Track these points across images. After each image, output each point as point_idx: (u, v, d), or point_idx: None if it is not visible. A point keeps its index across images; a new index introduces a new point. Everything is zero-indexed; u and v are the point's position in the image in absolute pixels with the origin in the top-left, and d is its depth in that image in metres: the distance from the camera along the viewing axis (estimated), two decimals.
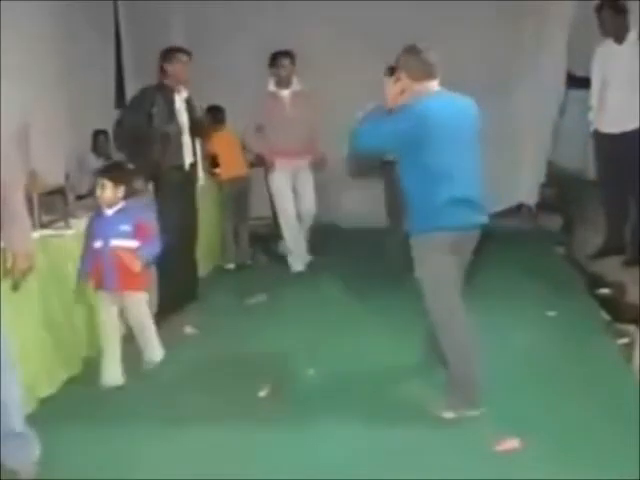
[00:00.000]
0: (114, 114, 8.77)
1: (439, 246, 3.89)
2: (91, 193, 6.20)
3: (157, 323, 5.04)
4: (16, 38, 6.60)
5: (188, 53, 5.92)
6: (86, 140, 8.05)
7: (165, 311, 5.77)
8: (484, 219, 4.07)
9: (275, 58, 6.90)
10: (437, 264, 3.95)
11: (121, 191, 4.60)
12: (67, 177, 7.24)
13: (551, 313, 5.49)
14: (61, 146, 7.58)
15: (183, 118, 5.91)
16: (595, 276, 6.24)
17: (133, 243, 4.56)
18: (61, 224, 4.93)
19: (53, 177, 5.78)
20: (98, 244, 4.52)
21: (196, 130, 6.04)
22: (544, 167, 8.78)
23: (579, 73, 7.76)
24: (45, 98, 7.30)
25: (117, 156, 7.36)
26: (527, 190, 8.93)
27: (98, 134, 8.06)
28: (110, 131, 7.70)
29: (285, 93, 6.96)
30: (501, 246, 7.73)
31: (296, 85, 6.97)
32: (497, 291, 6.07)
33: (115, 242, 4.51)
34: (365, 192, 8.20)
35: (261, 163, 7.34)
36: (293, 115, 6.81)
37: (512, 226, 8.65)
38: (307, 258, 7.28)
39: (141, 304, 4.72)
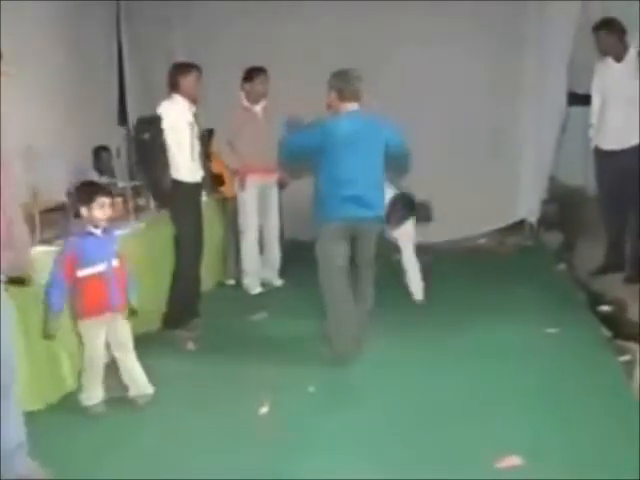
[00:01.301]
0: (117, 130, 8.90)
1: (332, 232, 4.96)
2: None
3: (159, 338, 5.05)
4: (18, 54, 6.59)
5: (199, 69, 5.96)
6: (89, 157, 8.04)
7: (168, 327, 5.82)
8: (371, 214, 5.03)
9: (251, 73, 6.84)
10: (328, 245, 5.00)
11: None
12: (69, 194, 7.27)
13: (552, 330, 5.48)
14: (63, 163, 7.57)
15: (194, 133, 5.96)
16: (596, 293, 6.25)
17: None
18: (62, 241, 4.88)
19: (55, 194, 5.78)
20: (101, 267, 4.30)
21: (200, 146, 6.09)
22: (545, 183, 8.78)
23: (580, 90, 7.77)
24: (47, 115, 7.34)
25: (120, 172, 7.40)
26: (528, 206, 8.91)
27: (99, 150, 8.05)
28: (113, 147, 7.78)
29: (257, 108, 6.90)
30: (502, 262, 7.78)
31: (264, 101, 6.91)
32: (498, 307, 6.08)
33: (114, 262, 4.39)
34: None
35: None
36: (265, 130, 6.70)
37: (514, 243, 8.67)
38: (275, 278, 7.34)
39: (125, 323, 4.53)
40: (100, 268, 4.30)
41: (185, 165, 5.83)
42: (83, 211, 4.31)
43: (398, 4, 8.27)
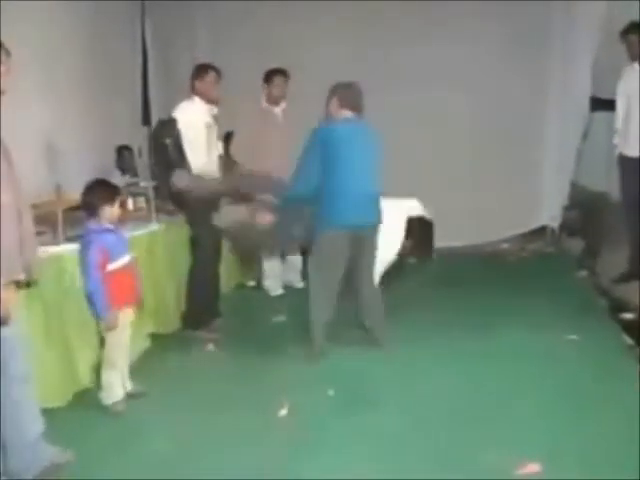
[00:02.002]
0: (141, 130, 8.94)
1: (333, 242, 5.00)
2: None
3: (180, 339, 5.06)
4: (43, 53, 6.67)
5: (218, 71, 5.97)
6: (112, 156, 8.10)
7: (188, 327, 5.85)
8: (372, 219, 5.12)
9: (270, 75, 6.83)
10: (328, 257, 5.06)
11: None
12: (84, 192, 7.30)
13: (573, 337, 5.44)
14: (87, 161, 7.61)
15: (213, 134, 5.99)
16: (618, 300, 6.21)
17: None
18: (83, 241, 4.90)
19: (78, 192, 5.80)
20: (125, 259, 4.39)
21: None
22: (567, 189, 8.75)
23: (603, 96, 7.74)
24: (71, 113, 7.37)
25: (142, 172, 7.43)
26: (550, 212, 8.89)
27: (122, 150, 8.11)
28: (135, 147, 7.82)
29: (277, 110, 6.87)
30: (523, 268, 7.75)
31: (283, 104, 6.87)
32: (518, 313, 6.05)
33: (132, 254, 4.51)
34: None
35: None
36: (284, 132, 6.61)
37: (535, 249, 8.64)
38: (297, 280, 7.34)
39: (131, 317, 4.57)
40: (126, 260, 4.40)
41: (201, 166, 5.84)
42: (106, 210, 4.33)
43: (419, 4, 8.29)
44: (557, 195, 8.80)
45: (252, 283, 7.51)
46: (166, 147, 5.75)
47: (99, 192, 4.38)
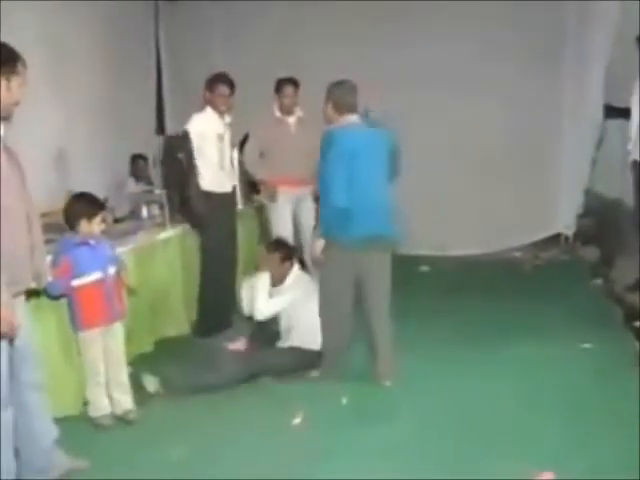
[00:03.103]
0: (154, 139, 8.97)
1: (341, 255, 4.81)
2: (129, 216, 6.33)
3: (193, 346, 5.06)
4: (56, 59, 6.75)
5: (231, 83, 6.00)
6: (126, 164, 8.16)
7: (198, 335, 5.92)
8: (381, 230, 4.84)
9: (279, 85, 6.71)
10: (336, 269, 4.85)
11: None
12: (106, 200, 7.33)
13: (586, 345, 5.42)
14: (101, 169, 7.67)
15: (226, 144, 6.03)
16: (632, 308, 6.16)
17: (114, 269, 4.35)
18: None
19: None
20: (97, 276, 4.20)
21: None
22: (582, 197, 8.71)
23: (617, 104, 7.71)
24: (87, 121, 7.46)
25: (156, 180, 7.46)
26: (565, 220, 8.85)
27: (136, 158, 8.16)
28: (150, 155, 7.86)
29: (290, 119, 6.76)
30: (537, 277, 7.72)
31: (299, 112, 6.76)
32: (532, 322, 6.04)
33: (111, 270, 4.30)
34: None
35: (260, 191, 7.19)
36: (298, 142, 6.51)
37: (550, 257, 8.61)
38: None
39: (122, 333, 4.43)
40: (96, 276, 4.20)
41: (212, 176, 5.88)
42: (83, 224, 4.18)
43: (434, 5, 8.33)
44: (571, 203, 8.76)
45: None
46: (180, 162, 5.78)
47: (79, 206, 4.25)
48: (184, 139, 5.82)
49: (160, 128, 9.37)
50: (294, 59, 7.83)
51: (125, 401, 4.39)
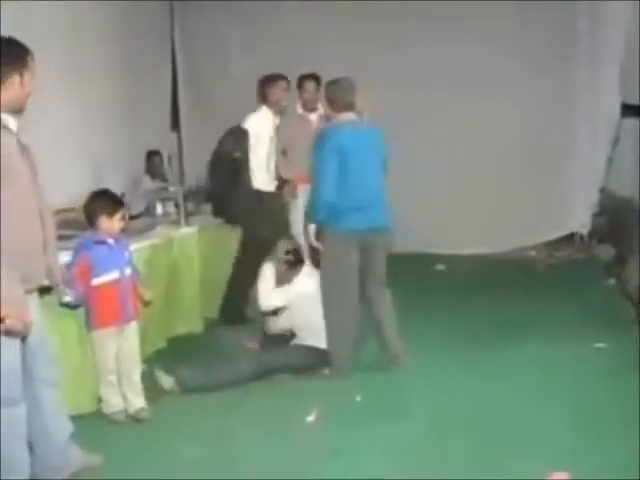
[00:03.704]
0: (169, 136, 9.00)
1: (344, 243, 4.88)
2: (144, 213, 6.35)
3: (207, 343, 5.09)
4: (75, 59, 6.81)
5: (287, 79, 6.17)
6: (141, 161, 8.19)
7: (225, 322, 6.09)
8: (379, 223, 4.97)
9: (301, 81, 6.76)
10: (342, 257, 4.90)
11: None
12: (122, 197, 7.35)
13: (600, 345, 5.42)
14: (117, 166, 7.69)
15: (274, 145, 6.19)
16: None
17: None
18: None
19: None
20: (115, 275, 4.20)
21: None
22: (597, 196, 8.68)
23: (633, 102, 7.68)
24: (103, 118, 7.49)
25: (171, 177, 7.46)
26: (580, 219, 8.82)
27: (152, 155, 8.18)
28: (165, 152, 7.87)
29: (312, 116, 6.79)
30: (552, 276, 7.69)
31: (321, 109, 6.64)
32: (546, 320, 6.03)
33: (128, 270, 4.30)
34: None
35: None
36: None
37: (564, 256, 8.58)
38: None
39: (137, 333, 4.43)
40: (114, 276, 4.20)
41: (262, 176, 6.03)
42: (103, 221, 4.18)
43: (448, 4, 8.30)
44: (586, 201, 8.72)
45: None
46: (235, 161, 5.89)
47: (98, 202, 4.25)
48: (243, 138, 5.92)
49: (175, 125, 9.39)
50: (310, 57, 7.81)
51: (137, 401, 4.38)
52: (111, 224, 4.20)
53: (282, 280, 5.23)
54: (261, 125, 6.01)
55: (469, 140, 8.56)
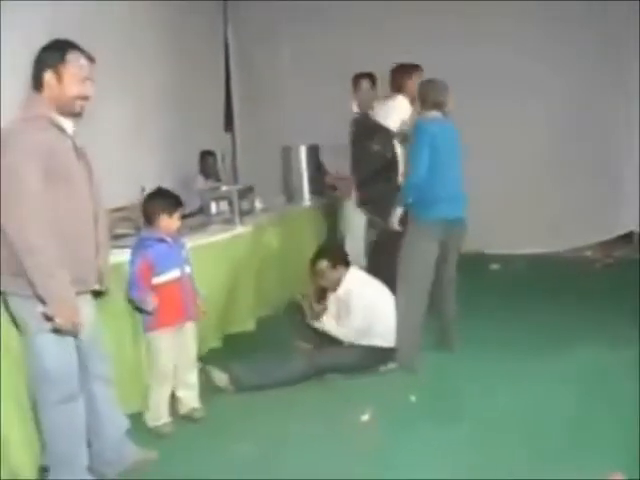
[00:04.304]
0: (223, 136, 9.03)
1: (427, 232, 5.09)
2: (198, 212, 6.36)
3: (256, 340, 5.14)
4: (124, 56, 6.83)
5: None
6: (195, 160, 8.20)
7: None
8: (462, 215, 5.26)
9: (356, 80, 6.55)
10: (423, 246, 5.10)
11: None
12: (144, 199, 7.36)
13: None
14: (171, 166, 7.74)
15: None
16: None
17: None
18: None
19: None
20: (176, 273, 4.19)
21: None
22: None
23: None
24: (157, 118, 7.57)
25: (224, 177, 7.48)
26: (637, 217, 8.64)
27: (205, 155, 8.20)
28: (219, 152, 7.89)
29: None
30: (608, 277, 7.52)
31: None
32: (600, 326, 5.78)
33: (187, 269, 4.29)
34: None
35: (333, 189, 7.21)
36: None
37: (622, 256, 8.41)
38: None
39: (194, 332, 4.39)
40: (175, 274, 4.19)
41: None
42: (163, 219, 4.18)
43: (509, 4, 8.22)
44: None
45: None
46: (378, 154, 5.95)
47: (158, 201, 4.24)
48: (376, 129, 5.99)
49: (228, 125, 9.42)
50: (362, 55, 7.75)
51: (192, 400, 4.39)
52: (171, 223, 4.21)
53: (330, 287, 5.25)
54: (401, 115, 5.97)
55: (522, 139, 8.46)
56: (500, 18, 8.36)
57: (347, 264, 5.27)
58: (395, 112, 5.98)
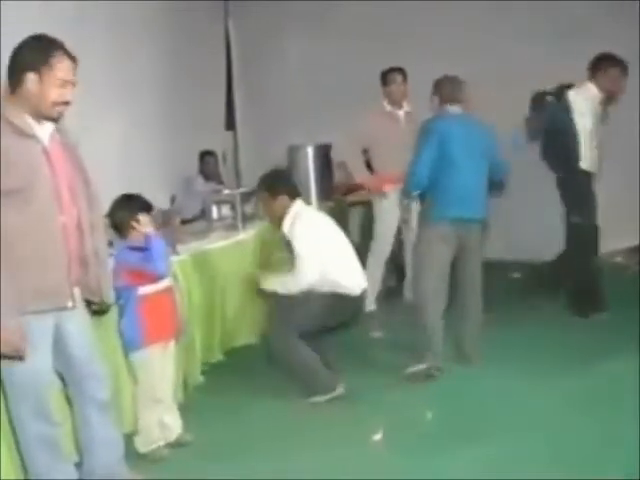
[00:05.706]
0: (224, 136, 8.79)
1: (440, 233, 5.01)
2: (199, 217, 6.11)
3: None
4: (127, 59, 6.84)
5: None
6: (195, 162, 8.00)
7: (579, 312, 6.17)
8: (478, 216, 5.15)
9: (385, 76, 6.51)
10: (434, 247, 5.02)
11: None
12: (173, 200, 7.12)
13: None
14: (168, 167, 7.54)
15: (597, 122, 6.12)
16: None
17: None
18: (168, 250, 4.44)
19: (158, 200, 5.62)
20: (165, 282, 3.91)
21: None
22: None
23: None
24: (151, 118, 7.44)
25: (226, 179, 7.19)
26: None
27: (205, 155, 7.98)
28: (219, 152, 7.61)
29: (400, 113, 6.53)
30: (637, 283, 7.17)
31: (406, 106, 6.54)
32: (631, 334, 5.46)
33: (169, 280, 4.00)
34: None
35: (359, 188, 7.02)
36: (407, 137, 5.96)
37: None
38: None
39: (176, 351, 4.10)
40: (164, 284, 3.90)
41: (587, 154, 6.02)
42: (133, 227, 3.80)
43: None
44: None
45: None
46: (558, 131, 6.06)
47: (122, 209, 3.87)
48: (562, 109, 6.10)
49: (230, 124, 9.18)
50: (365, 54, 7.65)
51: (177, 425, 4.08)
52: (140, 229, 3.81)
53: (273, 221, 4.98)
54: (584, 101, 6.00)
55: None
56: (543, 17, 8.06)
57: (293, 195, 4.76)
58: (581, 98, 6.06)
